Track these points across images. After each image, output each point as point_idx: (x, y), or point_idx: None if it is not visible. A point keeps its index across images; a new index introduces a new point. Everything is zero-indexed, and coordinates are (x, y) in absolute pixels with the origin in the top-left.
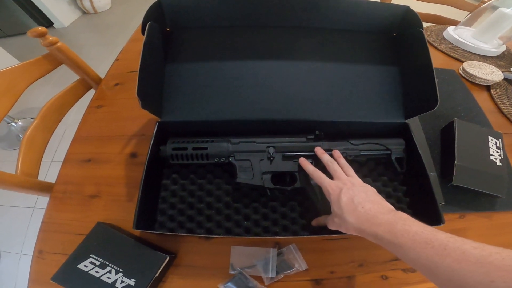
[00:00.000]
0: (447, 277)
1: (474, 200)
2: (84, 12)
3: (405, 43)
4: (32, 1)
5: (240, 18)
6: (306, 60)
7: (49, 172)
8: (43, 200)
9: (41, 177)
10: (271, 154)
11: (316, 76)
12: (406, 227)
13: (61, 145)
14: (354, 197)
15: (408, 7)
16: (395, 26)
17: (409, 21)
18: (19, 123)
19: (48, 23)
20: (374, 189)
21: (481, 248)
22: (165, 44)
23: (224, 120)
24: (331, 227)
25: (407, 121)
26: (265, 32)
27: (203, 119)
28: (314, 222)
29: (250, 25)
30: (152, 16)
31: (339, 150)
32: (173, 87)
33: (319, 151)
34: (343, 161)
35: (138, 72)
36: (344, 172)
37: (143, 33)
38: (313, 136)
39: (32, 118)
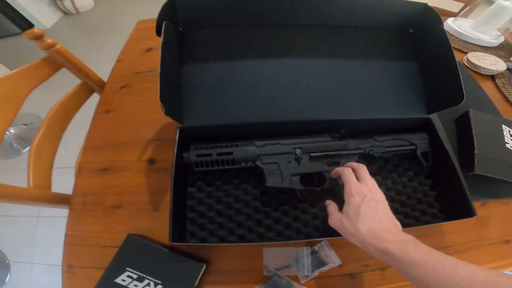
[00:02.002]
0: None
1: (493, 187)
2: (66, 13)
3: (424, 39)
4: (9, 3)
5: (254, 15)
6: (324, 58)
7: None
8: (47, 209)
9: None
10: (299, 155)
11: (335, 74)
12: (418, 246)
13: (60, 151)
14: (376, 210)
15: (426, 4)
16: (412, 23)
17: (428, 18)
18: (12, 130)
19: (28, 26)
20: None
21: (488, 270)
22: (180, 44)
23: (245, 123)
24: (334, 224)
25: (429, 116)
26: (281, 30)
27: (224, 123)
28: (328, 202)
29: (265, 23)
30: (166, 15)
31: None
32: (191, 90)
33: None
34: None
35: (158, 76)
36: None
37: (158, 34)
38: (337, 135)
39: (25, 125)
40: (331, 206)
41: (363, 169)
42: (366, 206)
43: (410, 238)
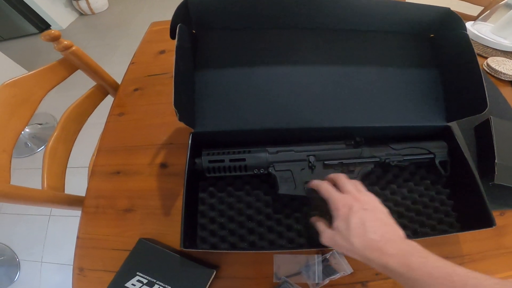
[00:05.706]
0: None
1: None
2: (81, 14)
3: (446, 45)
4: (27, 4)
5: (268, 18)
6: (340, 64)
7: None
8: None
9: None
10: (312, 163)
11: (351, 79)
12: (423, 259)
13: (74, 151)
14: (366, 220)
15: (449, 9)
16: (433, 28)
17: (450, 23)
18: (27, 130)
19: (45, 26)
20: (386, 210)
21: (501, 284)
22: (193, 47)
23: (258, 129)
24: (327, 242)
25: (449, 123)
26: (296, 34)
27: (236, 128)
28: (314, 219)
29: (279, 26)
30: (180, 18)
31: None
32: (204, 95)
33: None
34: (350, 179)
35: (173, 81)
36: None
37: (172, 37)
38: (352, 142)
39: (39, 125)
40: (320, 224)
41: (342, 177)
42: (354, 217)
43: (412, 248)
